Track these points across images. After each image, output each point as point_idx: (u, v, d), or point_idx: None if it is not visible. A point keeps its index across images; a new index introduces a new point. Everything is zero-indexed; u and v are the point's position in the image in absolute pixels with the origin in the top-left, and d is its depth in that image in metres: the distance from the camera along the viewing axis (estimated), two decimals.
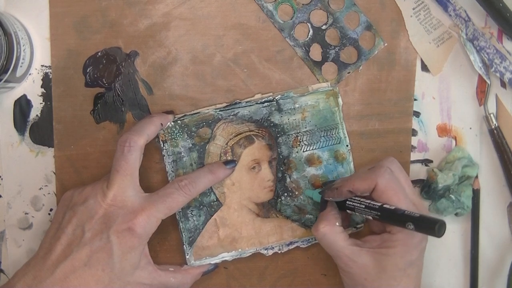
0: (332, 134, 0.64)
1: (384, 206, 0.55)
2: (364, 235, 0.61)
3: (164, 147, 0.62)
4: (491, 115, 0.65)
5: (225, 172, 0.61)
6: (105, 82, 0.62)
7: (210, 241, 0.63)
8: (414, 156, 0.66)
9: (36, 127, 0.62)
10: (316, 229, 0.59)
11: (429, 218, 0.53)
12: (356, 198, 0.58)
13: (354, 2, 0.63)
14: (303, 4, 0.63)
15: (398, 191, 0.57)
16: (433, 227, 0.51)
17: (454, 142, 0.66)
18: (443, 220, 0.52)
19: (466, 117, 0.66)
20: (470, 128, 0.66)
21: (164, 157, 0.62)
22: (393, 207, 0.55)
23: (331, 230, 0.58)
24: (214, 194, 0.63)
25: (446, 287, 0.67)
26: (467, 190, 0.65)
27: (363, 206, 0.57)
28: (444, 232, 0.52)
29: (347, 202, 0.59)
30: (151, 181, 0.63)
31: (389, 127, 0.65)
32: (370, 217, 0.57)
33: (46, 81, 0.62)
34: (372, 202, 0.56)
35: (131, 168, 0.56)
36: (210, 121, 0.62)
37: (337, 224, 0.59)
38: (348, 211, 0.59)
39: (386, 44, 0.64)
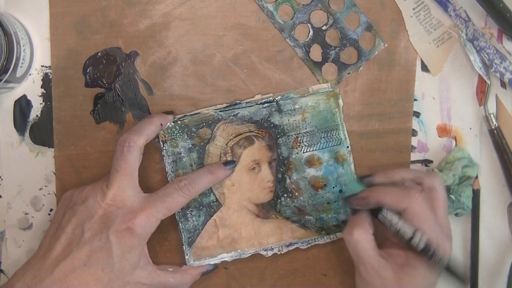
0: (332, 135, 0.64)
1: (412, 242, 0.55)
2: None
3: (164, 148, 0.62)
4: (491, 115, 0.65)
5: (224, 172, 0.61)
6: (105, 82, 0.62)
7: (210, 241, 0.63)
8: (414, 156, 0.66)
9: (36, 127, 0.62)
10: (351, 235, 0.57)
11: (456, 276, 0.54)
12: (388, 218, 0.57)
13: (354, 3, 0.63)
14: (303, 5, 0.63)
15: (427, 219, 0.56)
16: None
17: (454, 142, 0.66)
18: (468, 277, 0.53)
19: (466, 117, 0.66)
20: (470, 128, 0.66)
21: (164, 157, 0.62)
22: (421, 247, 0.55)
23: (365, 239, 0.57)
24: (214, 194, 0.63)
25: (446, 287, 0.67)
26: (467, 190, 0.65)
27: (393, 230, 0.56)
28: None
29: (379, 216, 0.58)
30: (151, 181, 0.63)
31: (389, 127, 0.65)
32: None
33: (46, 81, 0.62)
34: (403, 230, 0.56)
35: (131, 168, 0.56)
36: (210, 122, 0.62)
37: (371, 232, 0.58)
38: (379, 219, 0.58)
39: (386, 45, 0.64)
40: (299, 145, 0.63)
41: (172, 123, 0.62)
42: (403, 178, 0.60)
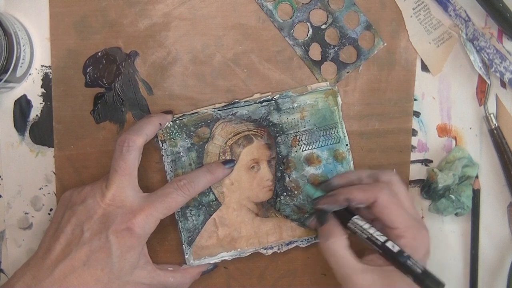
0: (331, 133, 0.64)
1: (387, 244, 0.55)
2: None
3: (163, 147, 0.62)
4: (491, 115, 0.65)
5: (224, 171, 0.61)
6: (105, 82, 0.62)
7: (209, 240, 0.63)
8: (414, 156, 0.66)
9: (36, 127, 0.62)
10: (325, 245, 0.57)
11: (431, 278, 0.52)
12: (358, 225, 0.57)
13: (354, 2, 0.63)
14: (302, 4, 0.63)
15: (398, 208, 0.57)
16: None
17: (454, 142, 0.66)
18: (443, 283, 0.52)
19: (466, 117, 0.66)
20: (470, 128, 0.66)
21: (163, 157, 0.62)
22: (396, 249, 0.54)
23: (341, 245, 0.57)
24: (213, 193, 0.63)
25: (446, 287, 0.67)
26: (467, 190, 0.65)
27: (365, 237, 0.56)
28: None
29: (348, 224, 0.57)
30: (150, 181, 0.63)
31: (389, 127, 0.65)
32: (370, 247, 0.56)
33: (46, 81, 0.62)
34: (374, 235, 0.56)
35: (130, 168, 0.56)
36: (208, 121, 0.62)
37: (345, 237, 0.58)
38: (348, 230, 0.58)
39: (385, 44, 0.64)
40: (298, 144, 0.63)
41: (171, 123, 0.62)
42: (359, 177, 0.61)
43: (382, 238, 0.55)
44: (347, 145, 0.64)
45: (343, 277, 0.57)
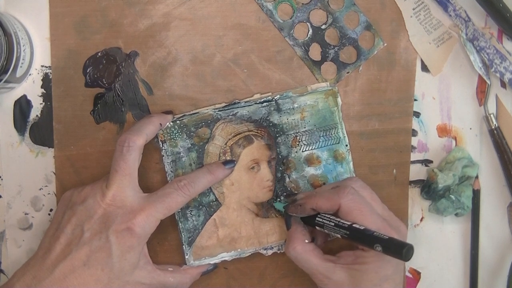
0: (331, 134, 0.64)
1: (354, 225, 0.55)
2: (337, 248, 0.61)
3: (163, 147, 0.62)
4: (491, 115, 0.65)
5: (224, 172, 0.61)
6: (105, 82, 0.62)
7: (210, 241, 0.63)
8: (414, 156, 0.66)
9: (36, 127, 0.62)
10: (288, 251, 0.59)
11: (396, 242, 0.52)
12: (326, 215, 0.57)
13: (354, 2, 0.63)
14: (302, 4, 0.63)
15: (364, 210, 0.56)
16: (401, 251, 0.51)
17: (454, 142, 0.66)
18: (411, 244, 0.51)
19: (466, 117, 0.66)
20: (470, 128, 0.66)
21: (163, 157, 0.62)
22: (362, 227, 0.55)
23: (302, 249, 0.58)
24: (213, 194, 0.63)
25: (446, 287, 0.67)
26: (467, 190, 0.65)
27: (333, 224, 0.56)
28: (411, 256, 0.51)
29: (317, 218, 0.58)
30: (150, 181, 0.63)
31: (389, 127, 0.65)
32: (339, 236, 0.56)
33: (46, 81, 0.62)
34: (341, 221, 0.56)
35: (130, 168, 0.56)
36: (209, 121, 0.62)
37: (306, 241, 0.58)
38: (317, 227, 0.58)
39: (385, 44, 0.64)
40: (298, 144, 0.63)
41: (171, 123, 0.62)
42: (323, 190, 0.60)
43: (348, 222, 0.56)
44: (347, 145, 0.64)
45: (313, 277, 0.58)
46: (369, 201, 0.58)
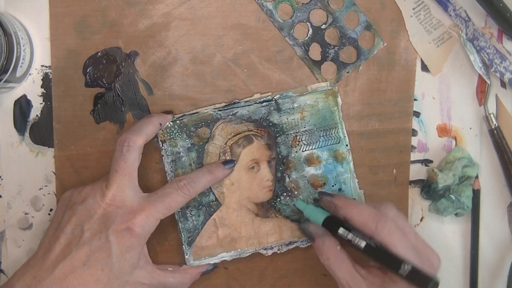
0: (331, 134, 0.64)
1: (381, 248, 0.54)
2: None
3: (163, 147, 0.62)
4: (491, 115, 0.65)
5: (224, 172, 0.61)
6: (105, 82, 0.62)
7: (209, 241, 0.63)
8: (414, 156, 0.66)
9: (36, 127, 0.62)
10: (327, 260, 0.56)
11: (422, 273, 0.51)
12: (351, 233, 0.56)
13: (354, 2, 0.63)
14: (302, 4, 0.63)
15: (399, 245, 0.54)
16: (426, 284, 0.51)
17: (454, 142, 0.66)
18: (437, 280, 0.51)
19: (466, 117, 0.66)
20: (470, 128, 0.66)
21: (163, 157, 0.62)
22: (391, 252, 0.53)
23: (335, 258, 0.56)
24: (213, 194, 0.63)
25: (446, 287, 0.67)
26: (467, 190, 0.65)
27: (354, 244, 0.55)
28: None
29: (338, 232, 0.56)
30: (150, 181, 0.63)
31: (389, 127, 0.65)
32: (361, 247, 0.55)
33: (46, 81, 0.62)
34: (369, 243, 0.54)
35: (130, 168, 0.56)
36: (209, 121, 0.62)
37: (338, 247, 0.57)
38: (339, 232, 0.57)
39: (385, 44, 0.64)
40: (298, 144, 0.63)
41: (171, 123, 0.62)
42: (360, 206, 0.58)
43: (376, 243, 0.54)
44: (347, 145, 0.64)
45: (339, 283, 0.56)
46: (403, 231, 0.55)
